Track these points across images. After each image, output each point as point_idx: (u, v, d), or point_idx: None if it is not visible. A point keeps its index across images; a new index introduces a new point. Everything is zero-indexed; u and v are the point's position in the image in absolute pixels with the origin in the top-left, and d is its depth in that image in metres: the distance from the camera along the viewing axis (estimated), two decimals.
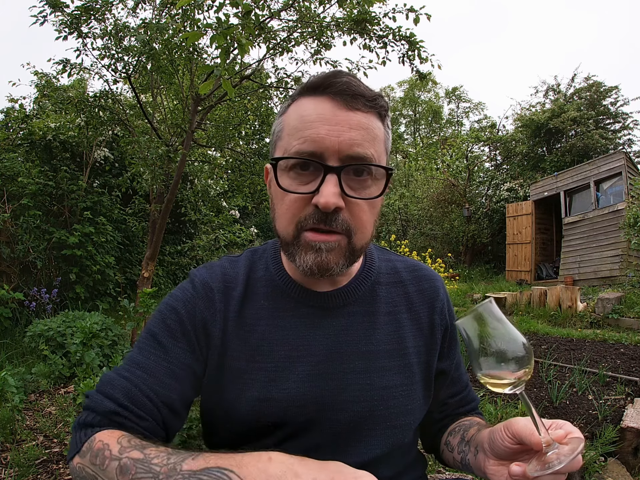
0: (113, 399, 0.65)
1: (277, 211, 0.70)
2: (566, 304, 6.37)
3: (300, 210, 0.66)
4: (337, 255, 0.66)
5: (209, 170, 5.69)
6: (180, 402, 0.70)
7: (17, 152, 5.94)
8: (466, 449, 0.75)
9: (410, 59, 3.60)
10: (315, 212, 0.64)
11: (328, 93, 0.66)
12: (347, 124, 0.64)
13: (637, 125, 14.09)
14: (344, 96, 0.65)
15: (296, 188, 0.65)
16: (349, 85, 0.65)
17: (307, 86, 0.68)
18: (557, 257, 11.44)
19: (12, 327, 4.31)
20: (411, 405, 0.75)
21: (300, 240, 0.66)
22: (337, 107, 0.65)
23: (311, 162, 0.64)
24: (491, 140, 15.41)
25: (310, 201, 0.65)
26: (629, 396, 3.10)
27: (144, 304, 2.85)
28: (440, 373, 0.83)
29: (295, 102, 0.70)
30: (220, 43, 1.83)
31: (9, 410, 2.37)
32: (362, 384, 0.72)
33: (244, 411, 0.70)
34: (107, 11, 3.50)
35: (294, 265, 0.69)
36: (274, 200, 0.71)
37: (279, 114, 0.73)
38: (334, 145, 0.63)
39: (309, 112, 0.66)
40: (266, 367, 0.71)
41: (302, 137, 0.64)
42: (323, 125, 0.64)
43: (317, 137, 0.63)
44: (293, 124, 0.67)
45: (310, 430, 0.71)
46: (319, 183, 0.64)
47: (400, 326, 0.78)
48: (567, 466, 0.55)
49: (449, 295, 0.89)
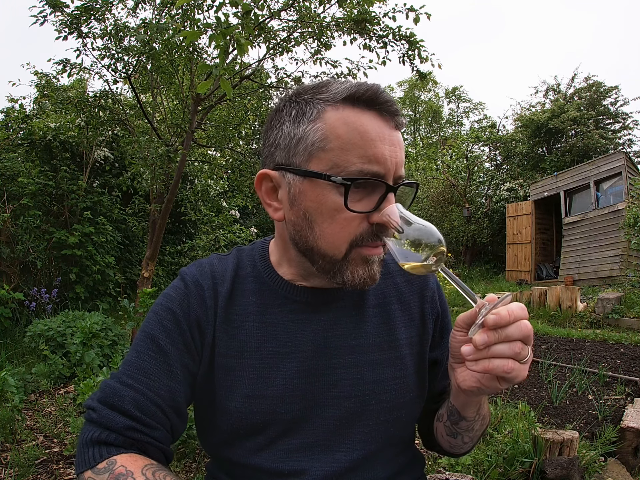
0: (124, 412, 0.64)
1: (322, 229, 0.65)
2: (566, 304, 6.37)
3: (356, 228, 0.64)
4: (380, 265, 0.69)
5: (209, 170, 5.69)
6: (185, 404, 0.71)
7: (17, 152, 5.94)
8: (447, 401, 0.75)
9: (411, 59, 3.60)
10: (372, 229, 0.65)
11: (377, 109, 0.64)
12: (398, 144, 0.65)
13: (637, 125, 14.11)
14: (390, 114, 0.64)
15: (353, 206, 0.64)
16: (393, 103, 0.65)
17: (353, 96, 0.64)
18: (557, 257, 11.45)
19: (12, 327, 4.31)
20: (404, 398, 0.75)
21: (352, 255, 0.66)
22: (388, 126, 0.64)
23: (373, 182, 0.64)
24: (491, 140, 15.41)
25: (366, 219, 0.64)
26: (629, 396, 3.10)
27: (144, 304, 2.85)
28: (434, 363, 0.82)
29: (334, 109, 0.64)
30: (219, 42, 1.83)
31: (9, 410, 2.38)
32: (353, 378, 0.72)
33: (234, 408, 0.70)
34: (107, 11, 3.51)
35: (339, 279, 0.67)
36: (313, 216, 0.65)
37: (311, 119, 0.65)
38: (393, 166, 0.64)
39: (368, 129, 0.62)
40: (254, 364, 0.71)
41: (365, 156, 0.62)
42: (385, 145, 0.63)
43: (382, 158, 0.62)
44: (347, 137, 0.62)
45: (302, 427, 0.71)
46: (379, 201, 0.64)
47: (390, 318, 0.77)
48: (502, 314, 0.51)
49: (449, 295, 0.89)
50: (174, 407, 0.67)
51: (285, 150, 0.67)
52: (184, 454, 2.14)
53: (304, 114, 0.65)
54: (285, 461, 0.70)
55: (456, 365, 0.64)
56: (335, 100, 0.64)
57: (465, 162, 14.59)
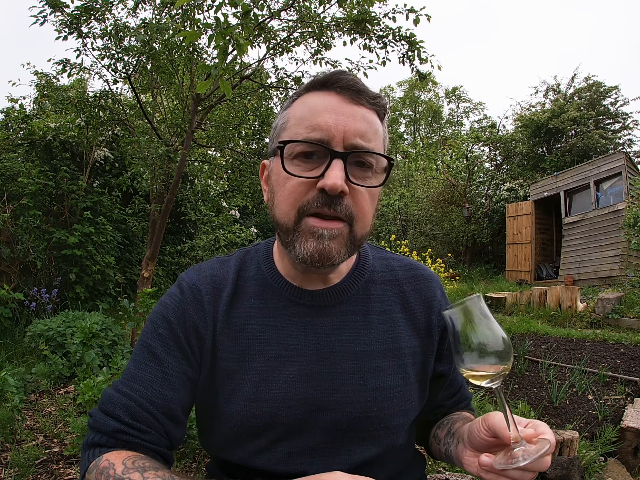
0: (115, 417, 0.67)
1: (277, 198, 0.69)
2: (566, 304, 6.37)
3: (303, 195, 0.66)
4: (339, 243, 0.66)
5: (209, 170, 5.69)
6: (180, 410, 0.71)
7: (17, 152, 5.93)
8: (450, 440, 0.76)
9: (410, 60, 3.60)
10: (320, 196, 0.64)
11: (334, 88, 0.68)
12: (352, 115, 0.66)
13: (637, 125, 14.10)
14: (349, 91, 0.67)
15: (300, 173, 0.66)
16: (355, 82, 0.68)
17: (313, 82, 0.70)
18: (557, 257, 11.44)
19: (12, 327, 4.31)
20: (405, 406, 0.74)
21: (301, 226, 0.66)
22: (343, 101, 0.67)
23: (318, 148, 0.65)
24: (491, 140, 15.41)
25: (314, 186, 0.65)
26: (629, 396, 3.10)
27: (144, 304, 2.85)
28: (440, 376, 0.82)
29: (300, 97, 0.71)
30: (218, 43, 1.83)
31: (9, 410, 2.37)
32: (355, 384, 0.71)
33: (235, 411, 0.70)
34: (107, 11, 3.50)
35: (293, 254, 0.67)
36: (274, 188, 0.70)
37: (283, 108, 0.74)
38: (340, 134, 0.65)
39: (317, 104, 0.67)
40: (256, 367, 0.71)
41: (309, 126, 0.66)
42: (330, 115, 0.65)
43: (324, 125, 0.65)
44: (300, 114, 0.68)
45: (303, 431, 0.70)
46: (325, 168, 0.64)
47: (395, 326, 0.77)
48: (533, 465, 0.56)
49: (449, 295, 0.89)
50: (167, 413, 0.69)
51: (270, 140, 0.76)
52: (184, 454, 2.13)
53: (282, 108, 0.74)
54: (286, 464, 0.70)
55: (470, 452, 0.67)
56: (302, 89, 0.72)
57: (465, 162, 14.59)
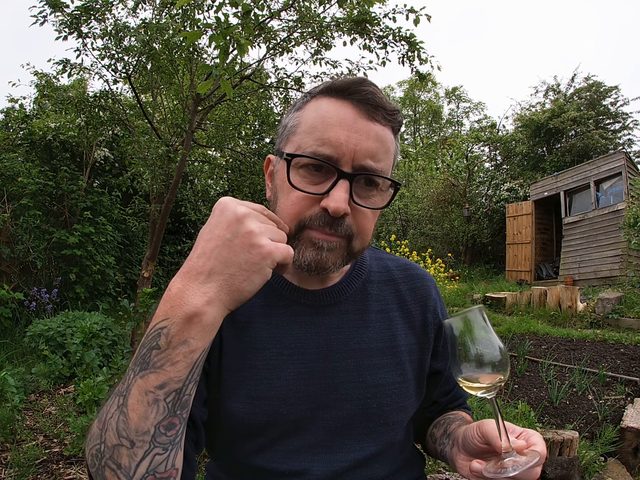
0: None
1: (279, 204, 0.69)
2: (566, 304, 6.37)
3: (306, 209, 0.65)
4: (336, 255, 0.67)
5: (209, 170, 5.70)
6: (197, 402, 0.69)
7: (17, 152, 5.94)
8: (446, 441, 0.77)
9: (410, 60, 3.60)
10: (323, 215, 0.64)
11: (351, 99, 0.66)
12: (366, 133, 0.65)
13: (637, 125, 14.11)
14: (367, 105, 0.65)
15: (305, 187, 0.65)
16: (374, 95, 0.66)
17: (330, 87, 0.68)
18: (557, 257, 11.45)
19: (12, 327, 4.31)
20: (404, 402, 0.76)
21: (302, 235, 0.66)
22: (358, 115, 0.65)
23: (326, 165, 0.64)
24: (491, 140, 15.41)
25: (318, 202, 0.64)
26: (629, 396, 3.10)
27: (144, 304, 2.85)
28: (436, 373, 0.83)
29: (314, 99, 0.69)
30: (219, 43, 1.83)
31: (9, 410, 2.37)
32: (354, 382, 0.73)
33: (237, 409, 0.70)
34: (107, 11, 3.50)
35: None
36: (277, 192, 0.70)
37: (294, 108, 0.72)
38: (350, 153, 0.64)
39: (331, 115, 0.65)
40: (258, 365, 0.71)
41: (320, 138, 0.64)
42: (343, 131, 0.64)
43: (335, 142, 0.63)
44: (311, 122, 0.66)
45: (303, 428, 0.71)
46: (330, 186, 0.63)
47: (392, 324, 0.78)
48: (521, 476, 0.56)
49: (449, 295, 0.89)
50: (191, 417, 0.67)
51: (278, 137, 0.75)
52: None
53: (294, 106, 0.72)
54: (286, 461, 0.70)
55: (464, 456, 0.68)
56: (317, 91, 0.69)
57: (465, 162, 14.59)
